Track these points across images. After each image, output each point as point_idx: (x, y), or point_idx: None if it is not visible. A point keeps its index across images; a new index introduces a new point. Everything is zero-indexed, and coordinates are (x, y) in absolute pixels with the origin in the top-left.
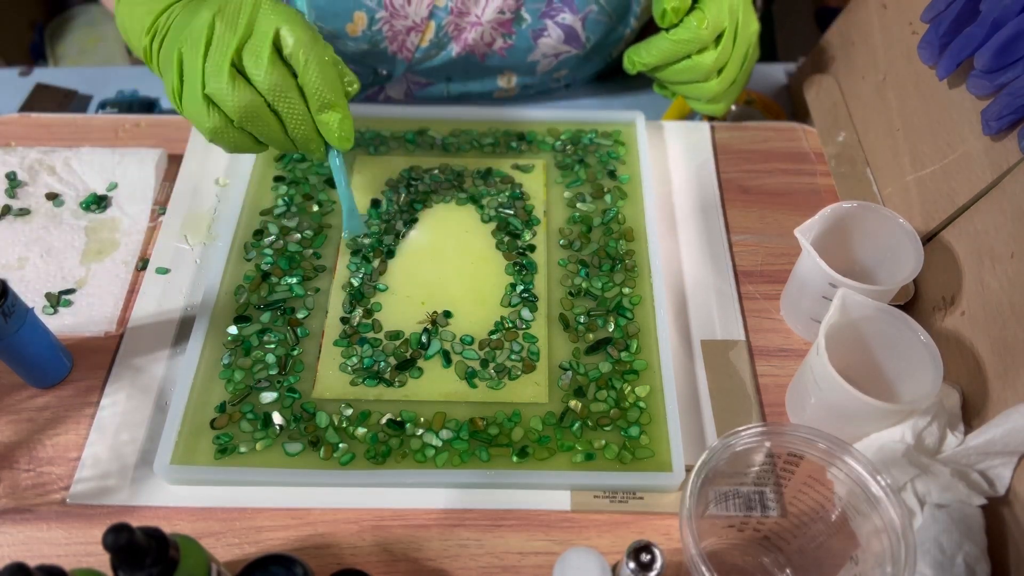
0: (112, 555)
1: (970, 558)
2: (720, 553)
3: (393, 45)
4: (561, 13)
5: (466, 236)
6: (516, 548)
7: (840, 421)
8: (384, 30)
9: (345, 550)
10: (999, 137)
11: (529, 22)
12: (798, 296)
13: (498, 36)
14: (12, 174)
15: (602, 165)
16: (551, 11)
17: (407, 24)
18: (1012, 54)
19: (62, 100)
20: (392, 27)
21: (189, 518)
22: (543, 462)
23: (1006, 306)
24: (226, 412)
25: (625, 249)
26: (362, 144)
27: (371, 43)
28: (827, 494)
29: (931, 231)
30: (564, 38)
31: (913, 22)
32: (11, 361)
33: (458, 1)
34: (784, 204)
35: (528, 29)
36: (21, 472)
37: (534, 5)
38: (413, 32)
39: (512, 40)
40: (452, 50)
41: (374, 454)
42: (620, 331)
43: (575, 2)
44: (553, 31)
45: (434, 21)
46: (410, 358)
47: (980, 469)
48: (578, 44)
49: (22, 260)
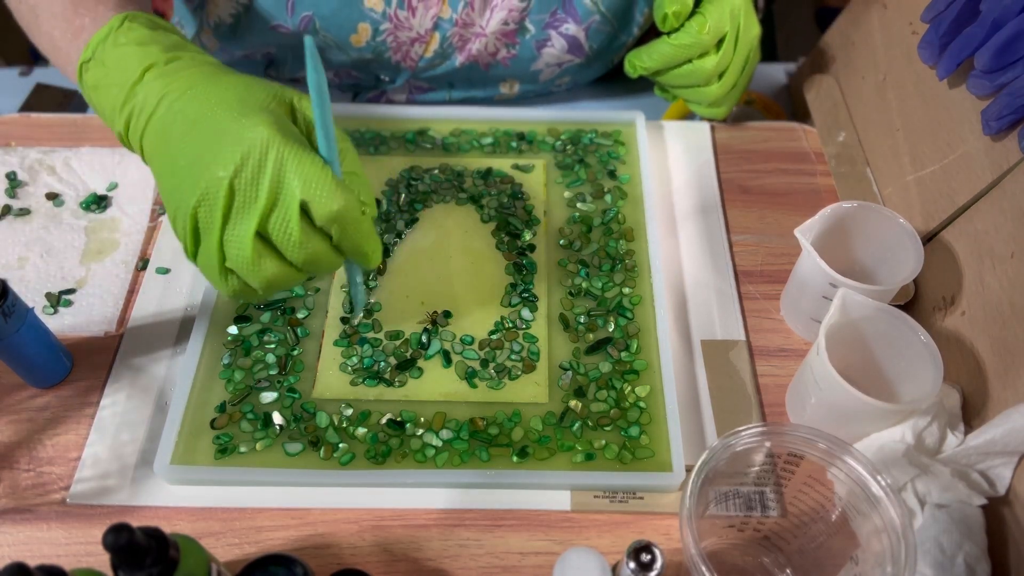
0: (112, 555)
1: (970, 558)
2: (720, 553)
3: (397, 55)
4: (564, 24)
5: (466, 236)
6: (516, 548)
7: (840, 421)
8: (388, 41)
9: (345, 550)
10: (999, 137)
11: (533, 33)
12: (798, 296)
13: (502, 46)
14: (12, 174)
15: (602, 165)
16: (555, 22)
17: (411, 35)
18: (1012, 54)
19: (62, 100)
20: (396, 38)
21: (189, 518)
22: (543, 462)
23: (1006, 306)
24: (226, 412)
25: (625, 249)
26: (362, 144)
27: (375, 53)
28: (827, 494)
29: (931, 231)
30: (567, 48)
31: (913, 22)
32: (11, 361)
33: (463, 13)
34: (784, 204)
35: (532, 40)
36: (21, 472)
37: (538, 16)
38: (417, 43)
39: (516, 50)
40: (456, 60)
41: (374, 454)
42: (620, 331)
43: (578, 12)
44: (556, 41)
45: (438, 32)
46: (410, 358)
47: (980, 469)
48: (580, 53)
49: (22, 260)
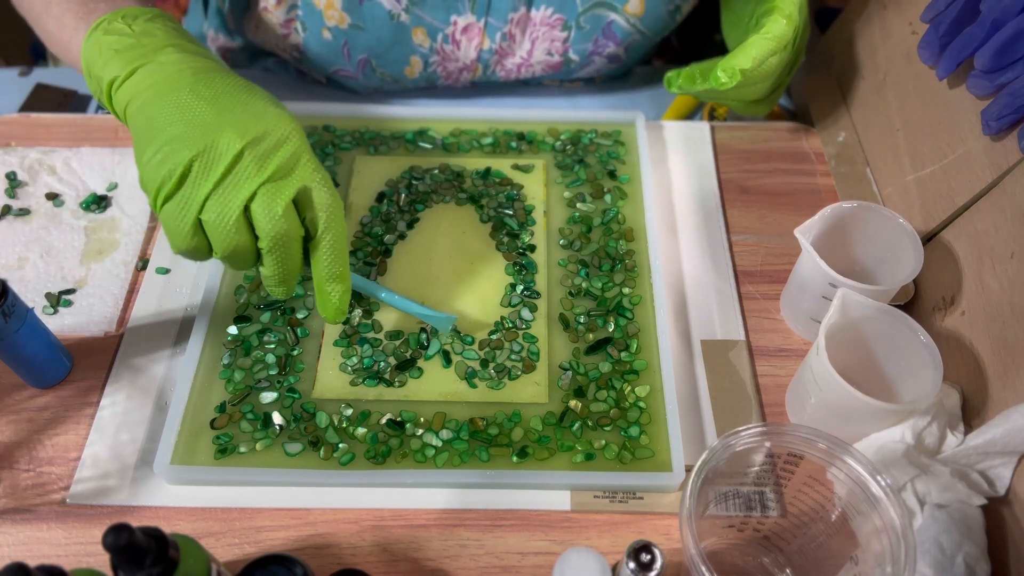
0: (112, 555)
1: (970, 558)
2: (720, 553)
3: (448, 80)
4: (606, 48)
5: (466, 236)
6: (516, 548)
7: (840, 421)
8: (439, 71)
9: (345, 550)
10: (999, 137)
11: (577, 62)
12: (798, 296)
13: (549, 69)
14: (12, 174)
15: (602, 165)
16: (597, 48)
17: (458, 65)
18: (1012, 54)
19: (62, 100)
20: (445, 68)
21: (189, 518)
22: (543, 462)
23: (1006, 306)
24: (226, 412)
25: (625, 249)
26: (362, 144)
27: (428, 82)
28: (827, 494)
29: (931, 231)
30: (607, 63)
31: (913, 22)
32: (11, 361)
33: (499, 44)
34: (784, 204)
35: (576, 66)
36: (21, 472)
37: (581, 47)
38: (465, 71)
39: (559, 71)
40: (500, 78)
41: (374, 454)
42: (620, 331)
43: (618, 35)
44: (598, 61)
45: (480, 64)
46: (410, 358)
47: (980, 469)
48: (618, 62)
49: (22, 260)
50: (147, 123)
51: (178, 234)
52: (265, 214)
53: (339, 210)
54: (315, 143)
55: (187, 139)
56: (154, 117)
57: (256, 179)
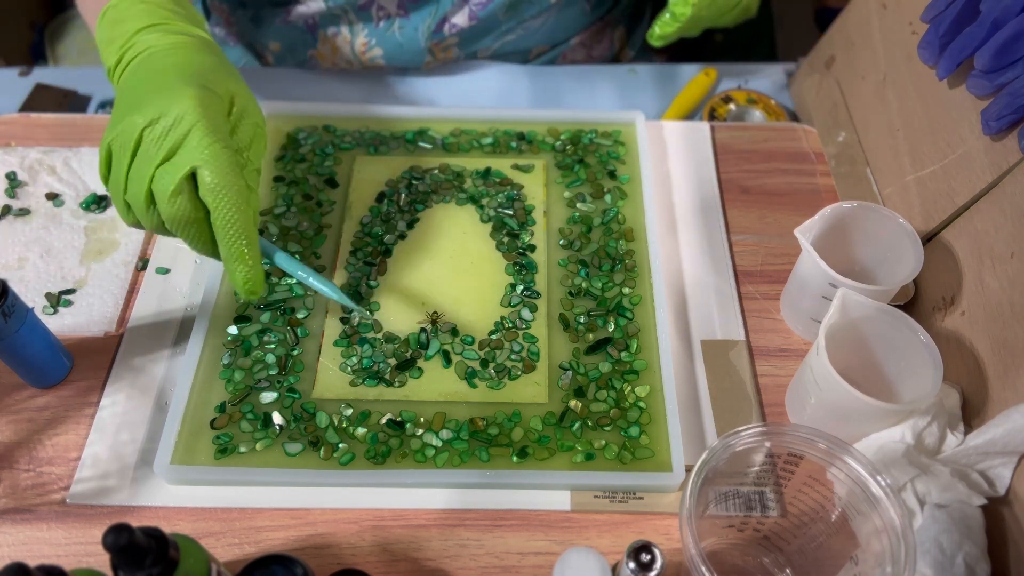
0: (112, 555)
1: (970, 558)
2: (720, 553)
3: None
4: None
5: (466, 236)
6: (516, 548)
7: (840, 421)
8: None
9: (345, 550)
10: (999, 137)
11: None
12: (798, 296)
13: None
14: (12, 174)
15: (602, 165)
16: None
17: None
18: (1012, 54)
19: (62, 100)
20: None
21: (189, 518)
22: (543, 462)
23: (1006, 306)
24: (226, 412)
25: (625, 249)
26: (362, 144)
27: None
28: (827, 494)
29: (931, 231)
30: None
31: (913, 22)
32: (11, 361)
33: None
34: (784, 204)
35: None
36: (21, 472)
37: None
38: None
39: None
40: None
41: (374, 454)
42: (620, 331)
43: None
44: None
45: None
46: (410, 358)
47: (980, 469)
48: None
49: (22, 260)
50: None
51: (119, 209)
52: (159, 198)
53: (230, 189)
54: (315, 143)
55: (113, 122)
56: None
57: (153, 162)
